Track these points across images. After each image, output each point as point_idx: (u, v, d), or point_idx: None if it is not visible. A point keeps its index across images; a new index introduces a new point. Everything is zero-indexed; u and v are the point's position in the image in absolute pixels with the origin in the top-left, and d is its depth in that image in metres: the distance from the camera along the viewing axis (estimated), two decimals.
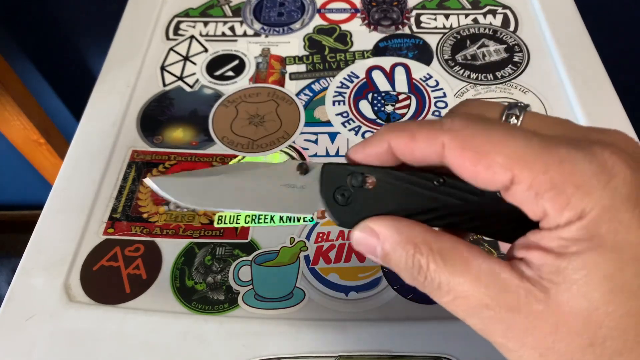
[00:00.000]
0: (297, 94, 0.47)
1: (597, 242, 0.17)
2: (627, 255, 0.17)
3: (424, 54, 0.50)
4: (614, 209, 0.17)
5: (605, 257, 0.17)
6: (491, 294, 0.18)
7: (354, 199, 0.22)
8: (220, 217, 0.39)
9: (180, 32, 0.54)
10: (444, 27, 0.53)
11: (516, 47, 0.51)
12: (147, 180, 0.24)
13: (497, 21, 0.53)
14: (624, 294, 0.17)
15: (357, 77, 0.49)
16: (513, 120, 0.21)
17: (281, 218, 0.39)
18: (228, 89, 0.48)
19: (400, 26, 0.53)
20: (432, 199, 0.21)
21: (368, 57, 0.50)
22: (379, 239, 0.21)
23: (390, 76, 0.49)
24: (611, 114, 0.44)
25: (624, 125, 0.43)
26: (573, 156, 0.18)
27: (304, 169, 0.23)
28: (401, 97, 0.47)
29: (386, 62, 0.50)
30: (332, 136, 0.44)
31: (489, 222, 0.21)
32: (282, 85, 0.48)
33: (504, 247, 0.37)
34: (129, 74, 0.49)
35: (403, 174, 0.22)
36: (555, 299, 0.18)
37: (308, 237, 0.38)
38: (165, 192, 0.23)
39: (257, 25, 0.54)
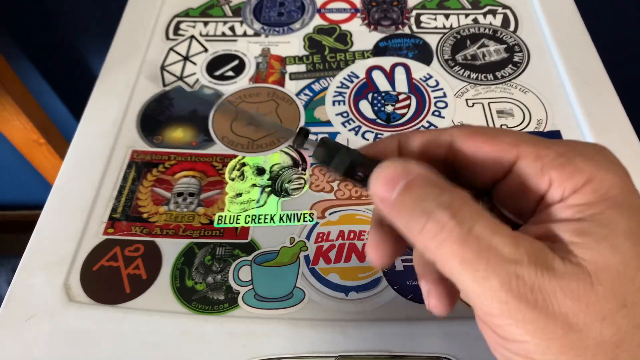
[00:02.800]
0: (297, 94, 0.47)
1: (612, 202, 0.18)
2: (636, 202, 0.18)
3: (424, 54, 0.50)
4: (619, 176, 0.18)
5: (624, 215, 0.17)
6: (525, 255, 0.17)
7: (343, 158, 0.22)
8: (220, 217, 0.39)
9: (180, 32, 0.54)
10: (444, 27, 0.53)
11: (516, 47, 0.51)
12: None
13: (497, 21, 0.53)
14: None
15: (357, 77, 0.49)
16: None
17: (281, 218, 0.39)
18: (228, 88, 0.48)
19: (400, 26, 0.53)
20: None
21: (368, 57, 0.50)
22: (406, 174, 0.19)
23: (390, 76, 0.49)
24: (611, 113, 0.44)
25: (623, 125, 0.43)
26: (571, 141, 0.20)
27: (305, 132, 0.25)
28: (401, 97, 0.47)
29: (386, 62, 0.50)
30: (332, 136, 0.44)
31: None
32: (282, 85, 0.48)
33: None
34: (128, 74, 0.49)
35: None
36: (586, 256, 0.17)
37: (308, 237, 0.38)
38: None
39: (257, 25, 0.54)
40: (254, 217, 0.39)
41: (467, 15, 0.54)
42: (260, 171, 0.42)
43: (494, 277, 0.17)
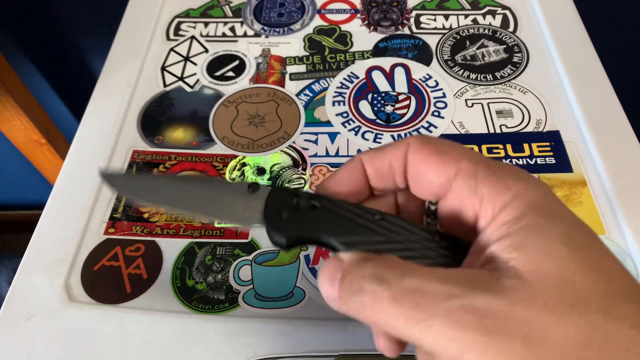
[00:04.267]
0: (297, 94, 0.47)
1: (541, 212, 0.18)
2: (572, 222, 0.18)
3: (423, 55, 0.51)
4: (545, 191, 0.19)
5: (554, 221, 0.18)
6: (459, 285, 0.17)
7: (294, 219, 0.22)
8: None
9: (180, 32, 0.54)
10: (444, 28, 0.53)
11: (515, 47, 0.51)
12: (99, 174, 0.24)
13: (497, 22, 0.53)
14: (584, 250, 0.17)
15: (357, 77, 0.49)
16: None
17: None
18: (228, 89, 0.48)
19: (400, 27, 0.53)
20: (370, 230, 0.21)
21: (368, 57, 0.51)
22: (341, 264, 0.20)
23: (390, 76, 0.49)
24: (610, 113, 0.44)
25: (623, 125, 0.43)
26: (506, 164, 0.21)
27: (253, 188, 0.24)
28: (401, 97, 0.47)
29: (386, 62, 0.50)
30: (332, 136, 0.44)
31: (425, 254, 0.21)
32: (282, 85, 0.48)
33: None
34: (129, 74, 0.49)
35: (347, 203, 0.22)
36: (525, 268, 0.17)
37: None
38: (115, 188, 0.24)
39: (258, 26, 0.54)
40: None
41: (466, 16, 0.54)
42: (260, 171, 0.42)
43: (437, 321, 0.16)
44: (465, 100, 0.46)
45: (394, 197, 0.24)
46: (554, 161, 0.42)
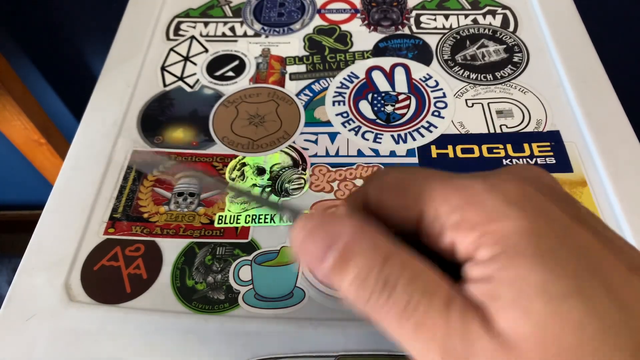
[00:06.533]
0: (297, 94, 0.47)
1: (514, 251, 0.16)
2: (552, 261, 0.16)
3: (423, 54, 0.50)
4: (520, 218, 0.16)
5: (530, 265, 0.16)
6: (456, 321, 0.16)
7: None
8: (221, 217, 0.39)
9: (180, 32, 0.54)
10: (444, 28, 0.53)
11: (516, 47, 0.51)
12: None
13: (497, 21, 0.53)
14: (565, 300, 0.15)
15: (357, 77, 0.49)
16: None
17: (281, 218, 0.39)
18: (228, 89, 0.48)
19: (400, 26, 0.53)
20: None
21: (368, 57, 0.51)
22: (336, 239, 0.18)
23: (390, 76, 0.49)
24: (610, 113, 0.44)
25: (622, 125, 0.43)
26: (468, 183, 0.18)
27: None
28: (401, 97, 0.47)
29: (386, 62, 0.50)
30: (332, 136, 0.44)
31: None
32: (282, 85, 0.48)
33: None
34: (129, 74, 0.49)
35: None
36: (503, 325, 0.15)
37: None
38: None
39: (258, 26, 0.54)
40: (254, 217, 0.39)
41: (466, 16, 0.54)
42: (260, 171, 0.42)
43: (432, 350, 0.16)
44: (466, 100, 0.46)
45: None
46: (554, 161, 0.42)
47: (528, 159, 0.42)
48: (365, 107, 0.46)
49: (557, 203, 0.17)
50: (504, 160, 0.42)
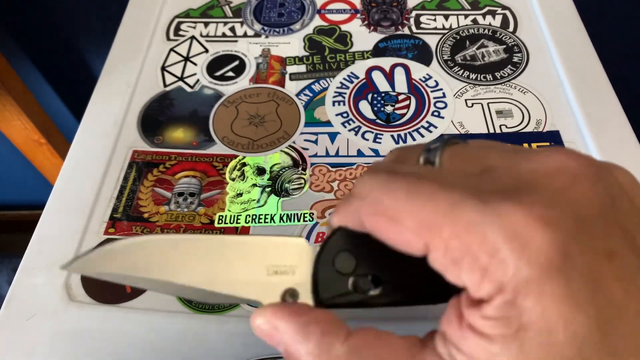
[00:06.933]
0: (297, 95, 0.47)
1: (525, 320, 0.14)
2: (560, 337, 0.14)
3: (423, 55, 0.51)
4: (534, 278, 0.14)
5: (536, 344, 0.14)
6: None
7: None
8: (221, 217, 0.39)
9: (180, 32, 0.54)
10: (444, 28, 0.53)
11: (515, 47, 0.51)
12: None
13: (497, 22, 0.53)
14: None
15: (357, 77, 0.49)
16: (437, 159, 0.19)
17: (281, 218, 0.39)
18: (228, 89, 0.48)
19: (399, 27, 0.53)
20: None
21: (368, 57, 0.51)
22: (278, 332, 0.19)
23: (390, 76, 0.49)
24: (610, 114, 0.44)
25: (622, 125, 0.43)
26: (481, 220, 0.15)
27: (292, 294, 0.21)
28: (401, 97, 0.47)
29: (386, 62, 0.50)
30: (332, 136, 0.44)
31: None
32: (282, 85, 0.48)
33: None
34: (129, 74, 0.49)
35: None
36: None
37: (308, 236, 0.38)
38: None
39: (258, 26, 0.54)
40: (254, 216, 0.39)
41: (466, 16, 0.54)
42: (260, 171, 0.42)
43: None
44: (465, 100, 0.46)
45: None
46: None
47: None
48: (365, 107, 0.46)
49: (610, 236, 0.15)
50: None
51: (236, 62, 0.51)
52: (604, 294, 0.14)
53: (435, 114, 0.46)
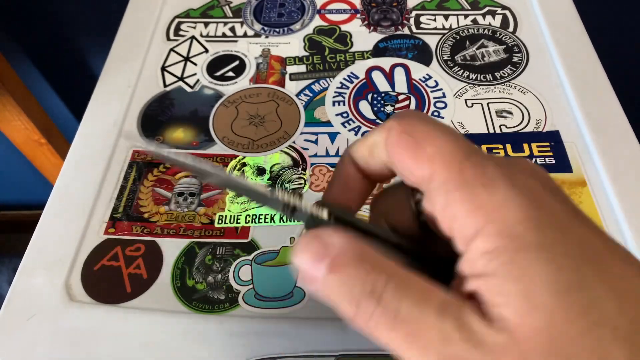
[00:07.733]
0: (297, 95, 0.48)
1: (520, 243, 0.16)
2: (558, 251, 0.16)
3: (423, 55, 0.51)
4: (525, 207, 0.16)
5: (536, 257, 0.15)
6: (454, 326, 0.16)
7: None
8: (221, 217, 0.39)
9: (180, 32, 0.54)
10: (444, 28, 0.53)
11: (515, 47, 0.51)
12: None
13: (497, 22, 0.54)
14: (572, 293, 0.15)
15: (357, 77, 0.49)
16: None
17: (281, 218, 0.39)
18: (228, 89, 0.48)
19: (399, 27, 0.54)
20: None
21: (368, 57, 0.51)
22: (328, 250, 0.18)
23: (390, 77, 0.49)
24: (610, 114, 0.44)
25: (622, 125, 0.43)
26: (484, 160, 0.17)
27: (292, 210, 0.21)
28: (401, 97, 0.47)
29: (386, 62, 0.50)
30: (332, 136, 0.44)
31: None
32: (283, 85, 0.48)
33: None
34: (129, 75, 0.49)
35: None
36: (510, 321, 0.15)
37: None
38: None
39: (258, 26, 0.54)
40: (254, 216, 0.39)
41: (466, 16, 0.54)
42: (260, 171, 0.42)
43: (430, 358, 0.16)
44: (465, 100, 0.46)
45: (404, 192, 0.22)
46: (553, 161, 0.42)
47: (528, 159, 0.42)
48: (365, 107, 0.46)
49: (556, 198, 0.17)
50: None
51: (236, 62, 0.51)
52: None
53: (435, 114, 0.46)
